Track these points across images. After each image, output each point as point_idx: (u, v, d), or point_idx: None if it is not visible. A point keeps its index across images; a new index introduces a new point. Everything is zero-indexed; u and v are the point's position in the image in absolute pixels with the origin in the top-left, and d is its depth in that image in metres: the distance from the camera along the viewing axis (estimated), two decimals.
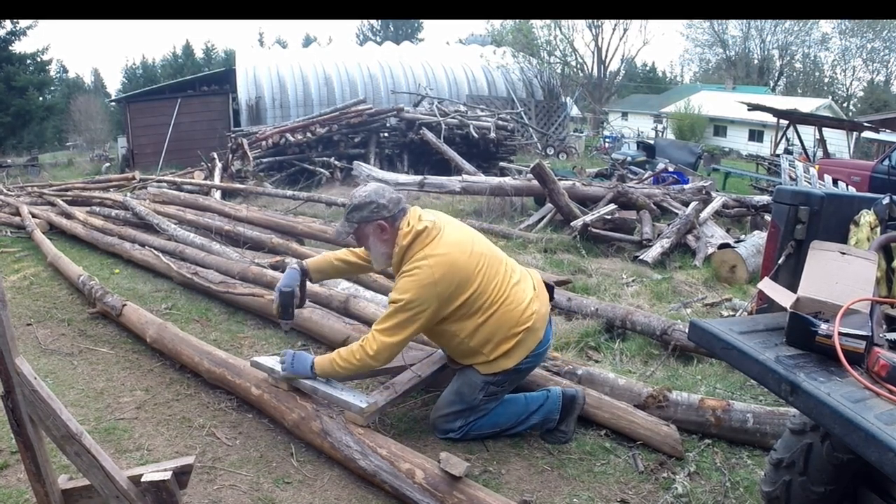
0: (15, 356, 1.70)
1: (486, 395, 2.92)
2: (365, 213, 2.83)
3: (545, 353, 3.08)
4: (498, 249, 3.06)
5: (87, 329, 4.51)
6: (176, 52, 51.38)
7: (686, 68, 56.69)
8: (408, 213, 2.88)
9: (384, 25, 53.11)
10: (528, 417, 2.98)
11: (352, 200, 2.89)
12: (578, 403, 3.01)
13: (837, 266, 1.99)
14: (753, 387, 3.45)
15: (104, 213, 8.70)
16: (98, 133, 34.12)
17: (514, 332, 2.85)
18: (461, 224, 3.06)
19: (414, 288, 2.69)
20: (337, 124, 12.94)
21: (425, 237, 2.79)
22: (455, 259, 2.76)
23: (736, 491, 2.65)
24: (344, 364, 2.82)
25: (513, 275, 2.96)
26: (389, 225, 2.84)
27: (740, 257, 5.96)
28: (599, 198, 7.98)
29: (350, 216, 2.88)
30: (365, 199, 2.84)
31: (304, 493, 2.63)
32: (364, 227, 2.87)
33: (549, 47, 28.22)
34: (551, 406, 2.97)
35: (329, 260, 3.24)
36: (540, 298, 2.99)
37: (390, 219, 2.84)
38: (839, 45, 44.08)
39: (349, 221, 2.88)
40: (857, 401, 1.55)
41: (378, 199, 2.83)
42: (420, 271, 2.70)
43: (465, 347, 2.88)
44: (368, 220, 2.84)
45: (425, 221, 2.83)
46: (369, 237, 2.88)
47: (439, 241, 2.80)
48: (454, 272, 2.74)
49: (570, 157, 19.95)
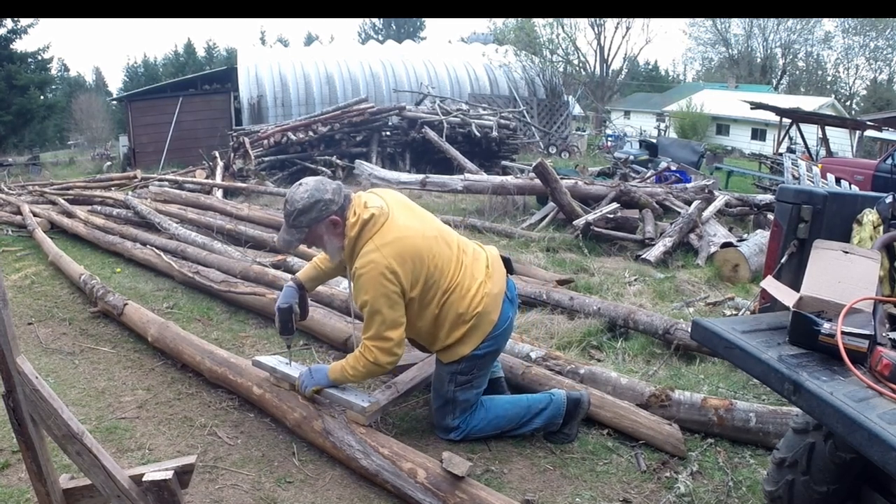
0: (16, 355, 1.70)
1: (456, 386, 2.86)
2: (314, 215, 2.67)
3: (506, 334, 2.96)
4: (449, 230, 2.95)
5: (89, 328, 4.51)
6: (177, 50, 51.46)
7: (689, 67, 56.71)
8: (352, 200, 2.75)
9: (386, 24, 53.11)
10: (531, 420, 2.95)
11: (293, 205, 2.68)
12: (583, 407, 2.97)
13: (840, 265, 1.99)
14: (756, 386, 3.44)
15: (105, 212, 8.72)
16: (99, 132, 34.22)
17: (465, 318, 2.77)
18: (409, 204, 2.90)
19: (374, 283, 2.60)
20: (339, 123, 12.95)
21: (372, 226, 2.66)
22: (406, 244, 2.65)
23: (739, 490, 2.65)
24: (353, 372, 2.78)
25: (464, 257, 2.86)
26: (340, 217, 2.69)
27: (743, 256, 5.95)
28: (602, 196, 7.97)
29: (297, 221, 2.69)
30: (309, 200, 2.66)
31: (305, 492, 2.62)
32: (316, 229, 2.70)
33: (552, 46, 28.25)
34: (555, 411, 2.93)
35: (316, 265, 3.14)
36: (493, 279, 2.87)
37: (339, 211, 2.69)
38: (842, 43, 44.06)
39: (297, 228, 2.70)
40: (859, 400, 1.55)
41: (323, 196, 2.66)
42: (374, 264, 2.59)
43: (423, 334, 2.86)
44: (319, 220, 2.68)
45: (371, 208, 2.70)
46: (323, 237, 2.73)
47: (388, 227, 2.67)
48: (407, 258, 2.64)
49: (573, 156, 19.94)
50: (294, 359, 3.36)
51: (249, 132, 13.73)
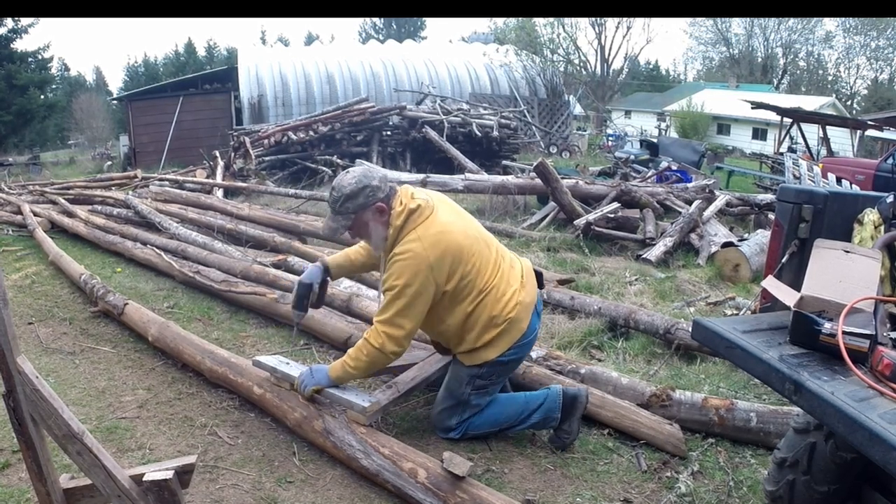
0: (16, 355, 1.70)
1: (473, 389, 2.87)
2: (361, 200, 2.67)
3: (530, 345, 2.98)
4: (489, 234, 2.97)
5: (89, 328, 4.51)
6: (178, 50, 51.33)
7: (689, 66, 56.62)
8: (398, 191, 2.78)
9: (387, 23, 53.08)
10: (529, 416, 2.94)
11: (340, 191, 2.69)
12: (581, 402, 2.95)
13: (841, 265, 1.98)
14: (757, 386, 3.44)
15: (106, 212, 8.72)
16: (100, 131, 34.22)
17: (497, 322, 2.78)
18: (454, 204, 2.93)
19: (408, 271, 2.60)
20: (339, 122, 12.94)
21: (418, 216, 2.68)
22: (448, 240, 2.66)
23: (739, 490, 2.64)
24: (354, 364, 2.75)
25: (502, 262, 2.88)
26: (386, 205, 2.71)
27: (744, 256, 5.94)
28: (602, 196, 7.97)
29: (343, 207, 2.70)
30: (357, 186, 2.67)
31: (306, 492, 2.62)
32: (362, 215, 2.70)
33: (552, 45, 28.24)
34: (551, 405, 2.92)
35: (347, 255, 3.15)
36: (526, 288, 2.89)
37: (385, 199, 2.70)
38: (843, 43, 44.05)
39: (343, 214, 2.71)
40: (860, 400, 1.55)
41: (370, 182, 2.68)
42: (413, 253, 2.60)
43: (450, 333, 2.83)
44: (366, 206, 2.68)
45: (418, 199, 2.72)
46: (368, 224, 2.73)
47: (433, 220, 2.69)
48: (447, 253, 2.65)
49: (573, 156, 19.92)
50: (294, 359, 3.37)
51: (250, 132, 13.72)
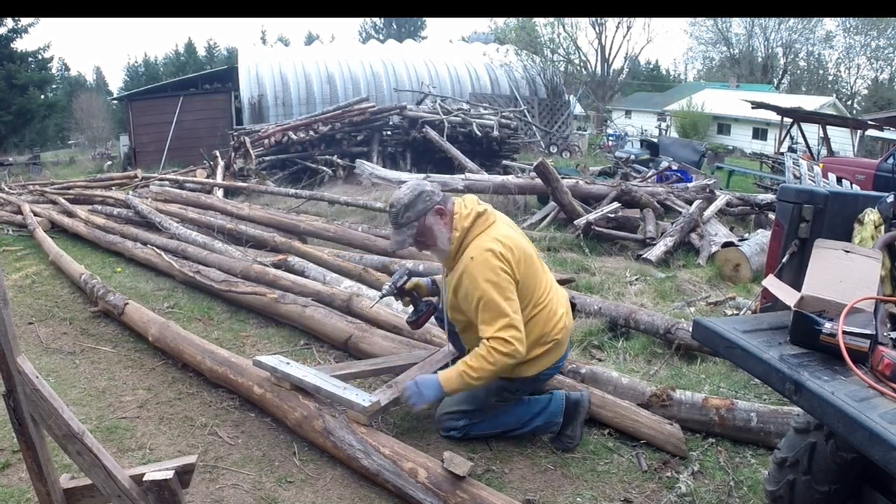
0: (16, 355, 1.70)
1: (498, 400, 2.88)
2: (420, 206, 2.70)
3: (559, 369, 3.03)
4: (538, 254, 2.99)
5: (89, 328, 4.51)
6: (178, 49, 51.29)
7: (690, 66, 56.47)
8: (453, 199, 2.81)
9: (387, 23, 53.05)
10: (531, 420, 2.94)
11: (398, 203, 2.73)
12: (583, 407, 2.96)
13: (841, 264, 1.98)
14: (757, 386, 3.44)
15: (106, 212, 8.73)
16: (100, 131, 34.21)
17: (545, 340, 2.79)
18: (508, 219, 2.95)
19: (488, 273, 2.60)
20: (339, 122, 12.94)
21: (485, 220, 2.73)
22: (517, 244, 2.71)
23: (740, 490, 2.64)
24: (477, 374, 2.62)
25: (551, 283, 2.92)
26: (444, 207, 2.74)
27: (744, 256, 5.94)
28: (603, 196, 7.97)
29: (405, 218, 2.71)
30: (413, 194, 2.71)
31: (306, 492, 2.62)
32: (424, 221, 2.72)
33: (553, 45, 28.22)
34: (554, 409, 2.92)
35: None
36: (569, 314, 2.95)
37: (442, 202, 2.74)
38: (843, 43, 43.96)
39: (406, 224, 2.72)
40: (861, 400, 1.55)
41: (424, 188, 2.73)
42: (491, 253, 2.61)
43: None
44: (426, 211, 2.71)
45: (483, 205, 2.78)
46: (432, 228, 2.73)
47: (498, 225, 2.75)
48: (518, 254, 2.68)
49: (574, 156, 19.92)
50: (294, 358, 3.37)
51: (250, 132, 13.72)
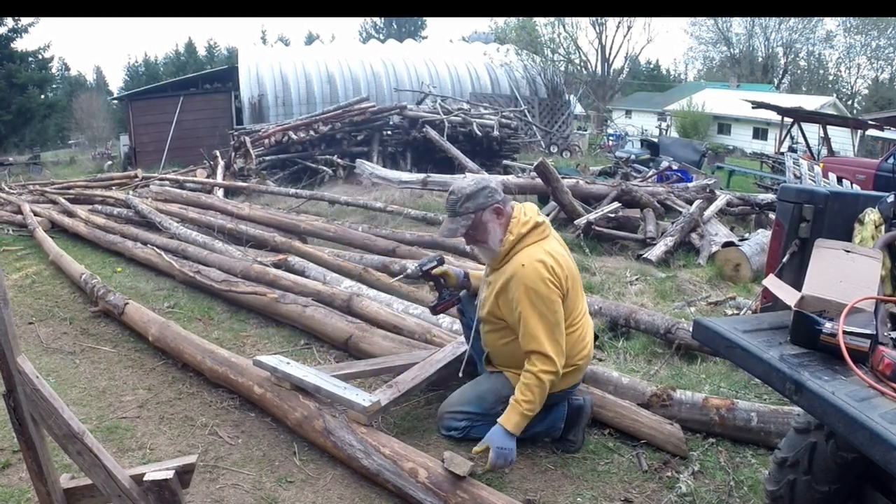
0: (17, 355, 1.70)
1: (504, 409, 2.84)
2: (480, 200, 2.71)
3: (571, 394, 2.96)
4: None
5: (89, 328, 4.51)
6: (178, 49, 51.24)
7: (690, 66, 56.43)
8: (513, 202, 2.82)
9: (387, 23, 53.02)
10: (532, 426, 2.86)
11: (460, 192, 2.73)
12: (585, 413, 2.95)
13: (842, 264, 1.98)
14: (758, 385, 3.44)
15: (106, 212, 8.73)
16: (100, 131, 34.21)
17: (571, 362, 2.78)
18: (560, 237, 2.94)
19: (537, 282, 2.60)
20: (340, 122, 12.94)
21: (542, 231, 2.74)
22: (567, 262, 2.73)
23: (740, 490, 2.64)
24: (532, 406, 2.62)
25: (585, 309, 2.92)
26: (503, 207, 2.75)
27: (744, 256, 5.94)
28: (603, 196, 7.97)
29: (464, 208, 2.71)
30: (476, 187, 2.72)
31: (306, 492, 2.62)
32: (481, 215, 2.72)
33: (553, 45, 28.18)
34: (556, 415, 2.91)
35: None
36: (591, 343, 2.95)
37: (502, 202, 2.75)
38: (843, 42, 43.89)
39: (463, 214, 2.72)
40: (861, 399, 1.54)
41: (488, 184, 2.74)
42: (542, 266, 2.62)
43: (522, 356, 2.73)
44: (485, 207, 2.71)
45: (543, 217, 2.80)
46: (487, 224, 2.73)
47: (551, 240, 2.77)
48: (567, 271, 2.70)
49: (574, 155, 19.91)
50: (295, 358, 3.36)
51: (250, 131, 13.72)
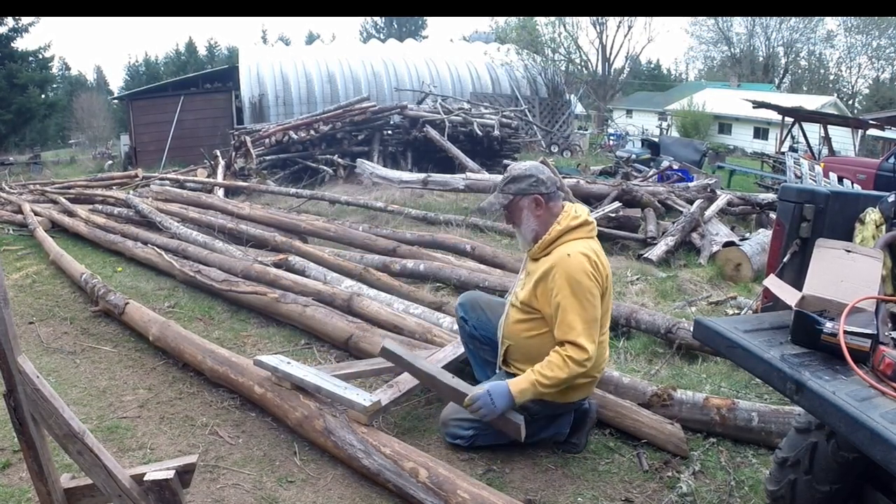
0: (17, 354, 1.70)
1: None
2: (523, 186, 2.78)
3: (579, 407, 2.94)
4: None
5: (90, 327, 4.51)
6: (179, 49, 51.28)
7: (691, 66, 56.39)
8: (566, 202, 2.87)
9: (388, 23, 53.03)
10: (537, 431, 2.89)
11: (509, 172, 2.86)
12: (591, 417, 2.95)
13: (843, 264, 1.98)
14: (758, 385, 3.43)
15: (107, 211, 8.73)
16: (100, 131, 34.23)
17: (591, 373, 2.77)
18: None
19: (580, 273, 2.63)
20: (340, 122, 12.93)
21: (588, 230, 2.79)
22: (606, 266, 2.76)
23: (741, 490, 2.64)
24: (549, 383, 2.61)
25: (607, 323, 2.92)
26: (545, 201, 2.79)
27: (745, 255, 5.93)
28: (604, 196, 7.96)
29: (507, 188, 2.82)
30: (524, 172, 2.81)
31: (307, 491, 2.62)
32: (520, 201, 2.80)
33: (554, 45, 28.16)
34: (562, 421, 2.90)
35: None
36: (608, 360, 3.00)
37: (546, 196, 2.79)
38: (844, 42, 43.86)
39: (504, 193, 2.83)
40: (862, 399, 1.54)
41: (538, 174, 2.79)
42: (587, 259, 2.66)
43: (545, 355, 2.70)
44: (525, 193, 2.79)
45: (593, 220, 2.85)
46: (523, 211, 2.81)
47: (595, 242, 2.81)
48: (603, 276, 2.72)
49: (575, 155, 19.90)
50: (296, 358, 3.36)
51: (251, 131, 13.71)
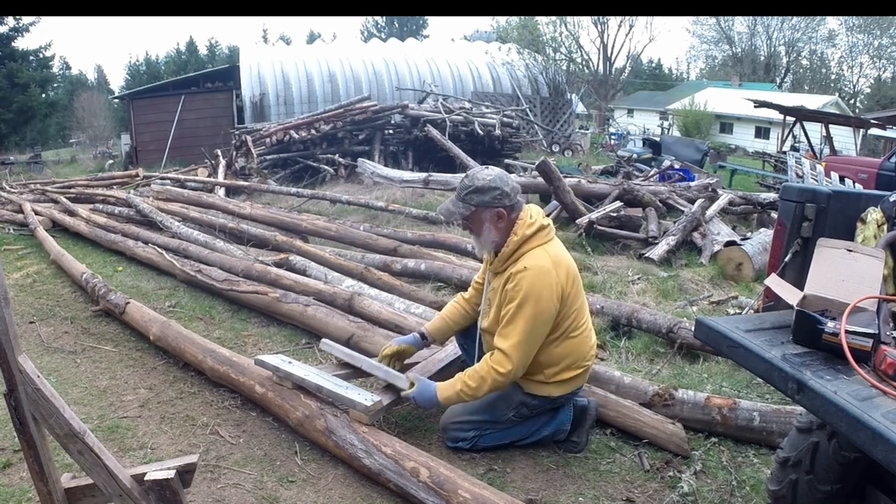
0: (18, 354, 1.70)
1: (516, 415, 2.85)
2: (487, 198, 2.70)
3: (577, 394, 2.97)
4: None
5: (91, 327, 4.52)
6: (179, 48, 51.23)
7: (692, 65, 56.52)
8: (523, 206, 2.80)
9: (389, 22, 53.03)
10: (539, 430, 2.91)
11: (472, 182, 2.73)
12: (590, 414, 2.95)
13: (844, 264, 1.98)
14: (760, 385, 3.43)
15: (107, 211, 8.73)
16: (101, 130, 34.22)
17: (579, 364, 2.80)
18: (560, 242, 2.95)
19: (537, 290, 2.60)
20: (341, 121, 12.94)
21: (546, 234, 2.74)
22: (570, 265, 2.73)
23: (742, 490, 2.64)
24: (472, 392, 2.68)
25: (587, 312, 2.92)
26: (507, 213, 2.73)
27: (747, 255, 5.93)
28: (605, 195, 7.96)
29: (468, 197, 2.73)
30: (489, 184, 2.70)
31: (308, 491, 2.62)
32: (481, 213, 2.73)
33: (555, 44, 28.20)
34: (562, 419, 2.91)
35: (443, 317, 3.13)
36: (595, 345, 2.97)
37: (510, 208, 2.73)
38: (846, 41, 43.88)
39: (466, 203, 2.74)
40: (863, 399, 1.54)
41: (503, 187, 2.71)
42: (545, 272, 2.61)
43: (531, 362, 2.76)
44: (489, 206, 2.71)
45: (548, 220, 2.79)
46: (484, 223, 2.74)
47: (555, 243, 2.77)
48: (569, 277, 2.70)
49: (576, 154, 19.90)
50: (296, 358, 3.36)
51: (252, 130, 13.73)
